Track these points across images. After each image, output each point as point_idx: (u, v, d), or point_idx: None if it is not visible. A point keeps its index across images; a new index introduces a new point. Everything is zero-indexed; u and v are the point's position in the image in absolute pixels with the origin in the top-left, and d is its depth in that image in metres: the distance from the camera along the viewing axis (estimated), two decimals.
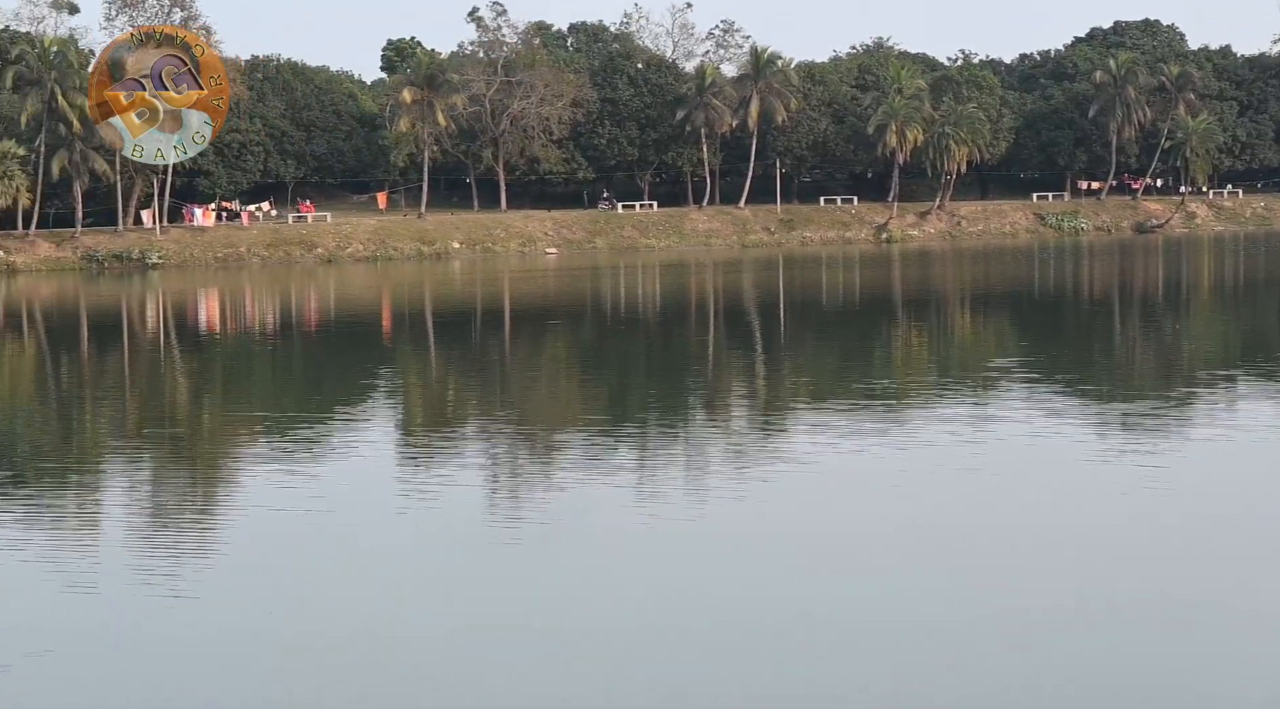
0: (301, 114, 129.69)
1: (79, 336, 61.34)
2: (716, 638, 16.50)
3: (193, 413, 37.41)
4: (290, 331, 61.33)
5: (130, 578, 19.52)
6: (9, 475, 28.25)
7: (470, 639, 16.78)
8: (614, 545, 20.84)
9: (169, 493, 26.05)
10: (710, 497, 23.98)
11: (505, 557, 20.36)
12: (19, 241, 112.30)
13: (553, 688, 15.09)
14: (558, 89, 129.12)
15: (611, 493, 24.18)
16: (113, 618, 17.87)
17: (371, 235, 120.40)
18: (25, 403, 40.40)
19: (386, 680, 15.35)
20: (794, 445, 28.34)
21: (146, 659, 16.37)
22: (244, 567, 20.08)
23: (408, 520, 22.80)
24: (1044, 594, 17.95)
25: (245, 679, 15.58)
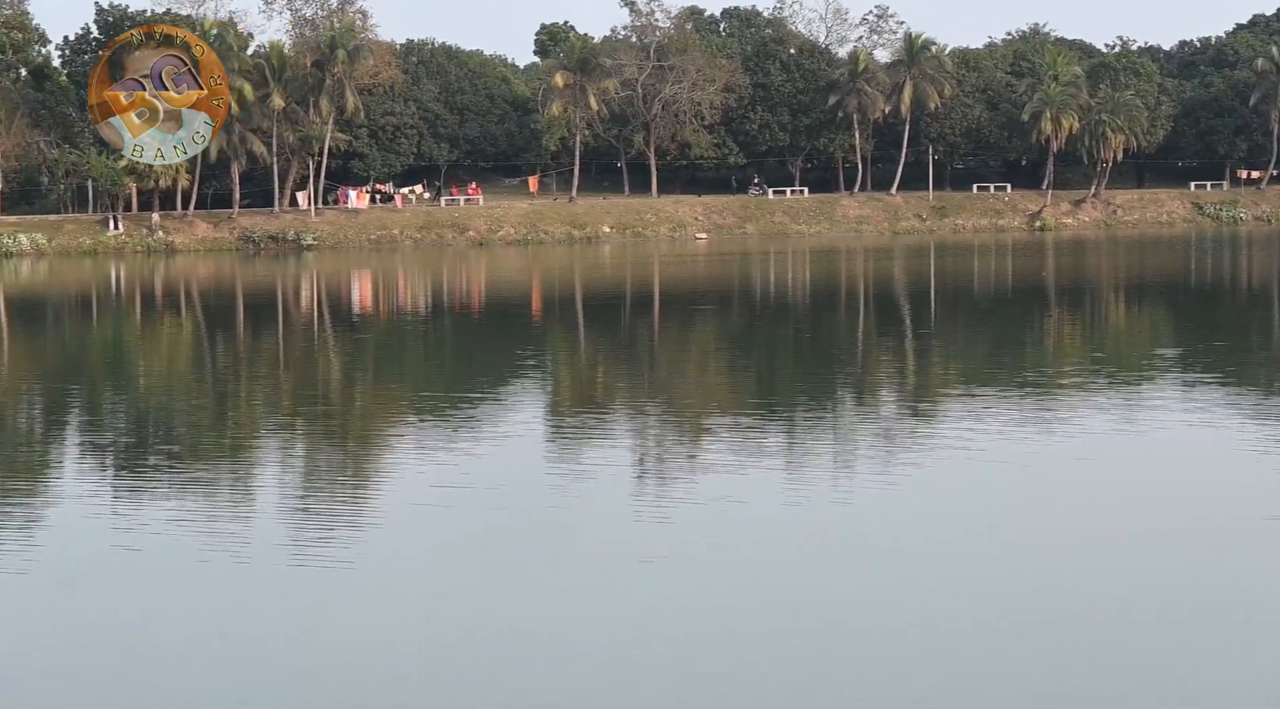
0: (455, 98, 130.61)
1: (235, 316, 62.25)
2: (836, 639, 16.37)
3: (345, 392, 37.80)
4: (441, 313, 61.79)
5: (282, 553, 19.74)
6: (166, 451, 28.70)
7: (629, 622, 16.78)
8: (759, 534, 20.74)
9: (320, 470, 26.31)
10: (857, 483, 23.79)
11: (652, 539, 20.34)
12: (178, 222, 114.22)
13: (708, 670, 15.07)
14: (710, 74, 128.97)
15: (759, 479, 24.07)
16: (265, 591, 18.09)
17: (523, 219, 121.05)
18: (183, 380, 41.03)
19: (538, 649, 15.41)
20: (943, 433, 28.06)
21: (304, 633, 16.54)
22: (394, 543, 20.21)
23: (556, 501, 22.85)
24: (1200, 597, 17.63)
25: (404, 651, 15.71)
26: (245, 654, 15.78)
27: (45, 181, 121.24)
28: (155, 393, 38.35)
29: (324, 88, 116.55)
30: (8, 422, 33.33)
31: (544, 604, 17.26)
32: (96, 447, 29.49)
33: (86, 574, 18.98)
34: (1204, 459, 25.50)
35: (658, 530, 20.83)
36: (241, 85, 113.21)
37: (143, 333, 56.21)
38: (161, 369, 44.34)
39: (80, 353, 50.04)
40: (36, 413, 34.96)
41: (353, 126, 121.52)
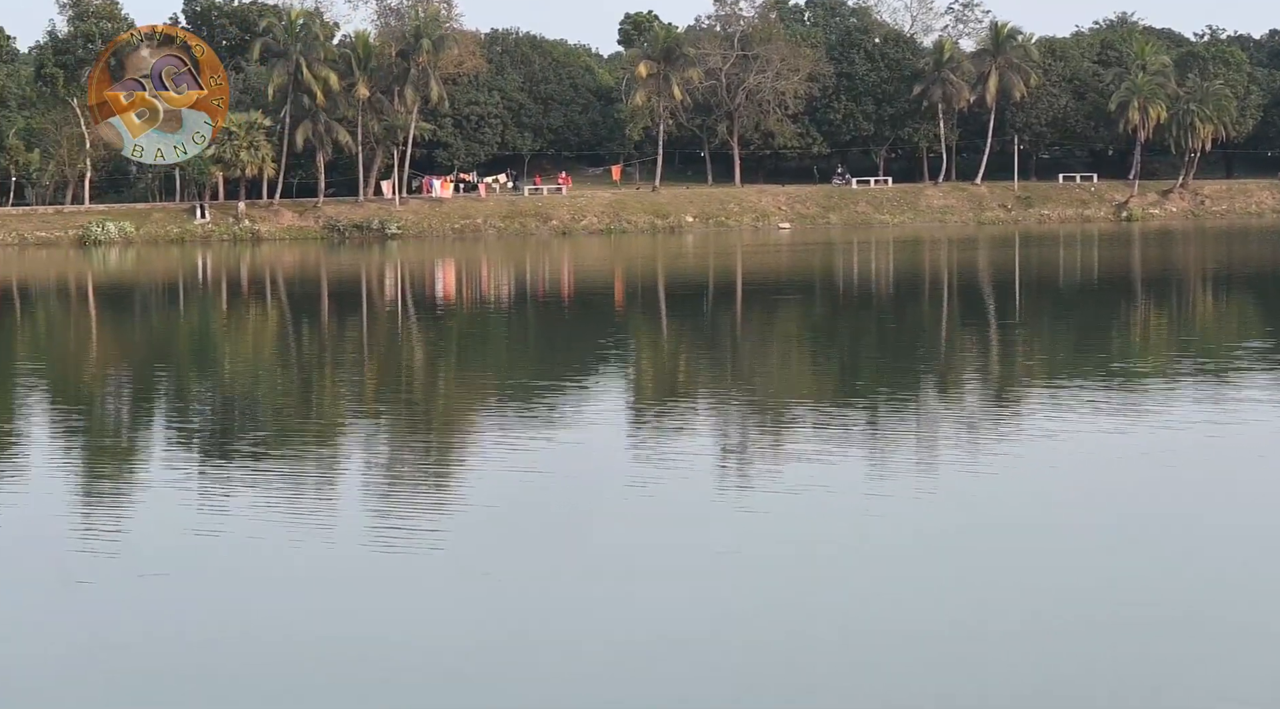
0: (539, 87, 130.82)
1: (319, 304, 62.63)
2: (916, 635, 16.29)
3: (428, 380, 37.95)
4: (524, 302, 61.94)
5: (365, 535, 19.83)
6: (251, 438, 28.91)
7: (708, 614, 16.77)
8: (840, 526, 20.67)
9: (404, 458, 26.43)
10: (940, 474, 23.67)
11: (733, 529, 20.31)
12: (264, 210, 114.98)
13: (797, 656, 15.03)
14: (794, 63, 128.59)
15: (841, 469, 23.99)
16: (351, 571, 18.18)
17: (606, 208, 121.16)
18: (267, 368, 41.32)
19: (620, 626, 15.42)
20: (1027, 424, 27.90)
21: (390, 621, 16.61)
22: (477, 531, 20.27)
23: (637, 490, 22.84)
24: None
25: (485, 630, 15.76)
26: (330, 642, 15.87)
27: (133, 170, 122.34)
28: (240, 380, 38.64)
29: (409, 77, 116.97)
30: (96, 408, 33.68)
31: (621, 594, 17.27)
32: (182, 433, 29.75)
33: (172, 559, 19.14)
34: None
35: (739, 520, 20.79)
36: (327, 75, 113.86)
37: (228, 321, 56.65)
38: (247, 357, 44.67)
39: (167, 340, 50.49)
40: (124, 399, 35.30)
41: (437, 116, 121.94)
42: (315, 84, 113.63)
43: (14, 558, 19.36)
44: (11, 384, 38.48)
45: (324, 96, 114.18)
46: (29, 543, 20.11)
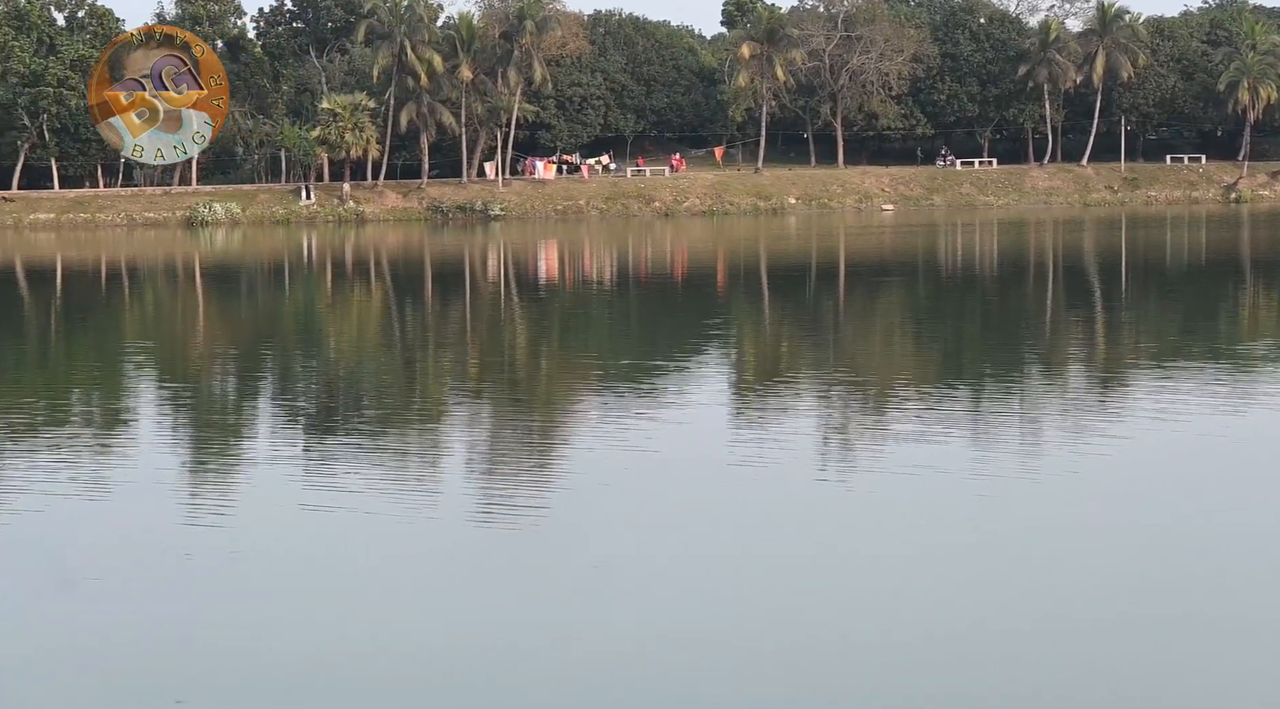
0: (642, 68, 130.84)
1: (423, 285, 62.96)
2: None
3: (531, 361, 38.07)
4: (626, 284, 62.00)
5: (470, 514, 19.93)
6: (356, 416, 29.11)
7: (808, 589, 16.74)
8: (944, 510, 20.55)
9: (506, 439, 26.51)
10: (1043, 462, 23.47)
11: (833, 512, 20.26)
12: (368, 192, 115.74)
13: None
14: (898, 44, 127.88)
15: (942, 451, 23.84)
16: (451, 551, 18.27)
17: (708, 190, 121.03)
18: (372, 347, 41.60)
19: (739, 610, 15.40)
20: (1133, 409, 27.60)
21: (496, 600, 16.68)
22: (579, 512, 20.30)
23: (740, 470, 22.81)
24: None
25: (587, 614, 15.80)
26: (442, 621, 15.96)
27: (240, 152, 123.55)
28: (344, 360, 38.92)
29: (512, 59, 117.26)
30: (203, 387, 34.04)
31: (729, 583, 17.26)
32: (288, 412, 30.01)
33: (275, 538, 19.31)
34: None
35: (840, 504, 20.73)
36: (431, 57, 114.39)
37: (333, 301, 57.08)
38: (351, 337, 44.99)
39: (272, 320, 50.94)
40: (230, 378, 35.65)
41: (540, 97, 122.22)
42: (419, 66, 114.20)
43: (125, 533, 19.58)
44: (121, 363, 38.99)
45: (428, 78, 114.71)
46: (139, 518, 20.35)
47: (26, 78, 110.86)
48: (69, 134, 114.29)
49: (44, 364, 39.64)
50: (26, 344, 43.83)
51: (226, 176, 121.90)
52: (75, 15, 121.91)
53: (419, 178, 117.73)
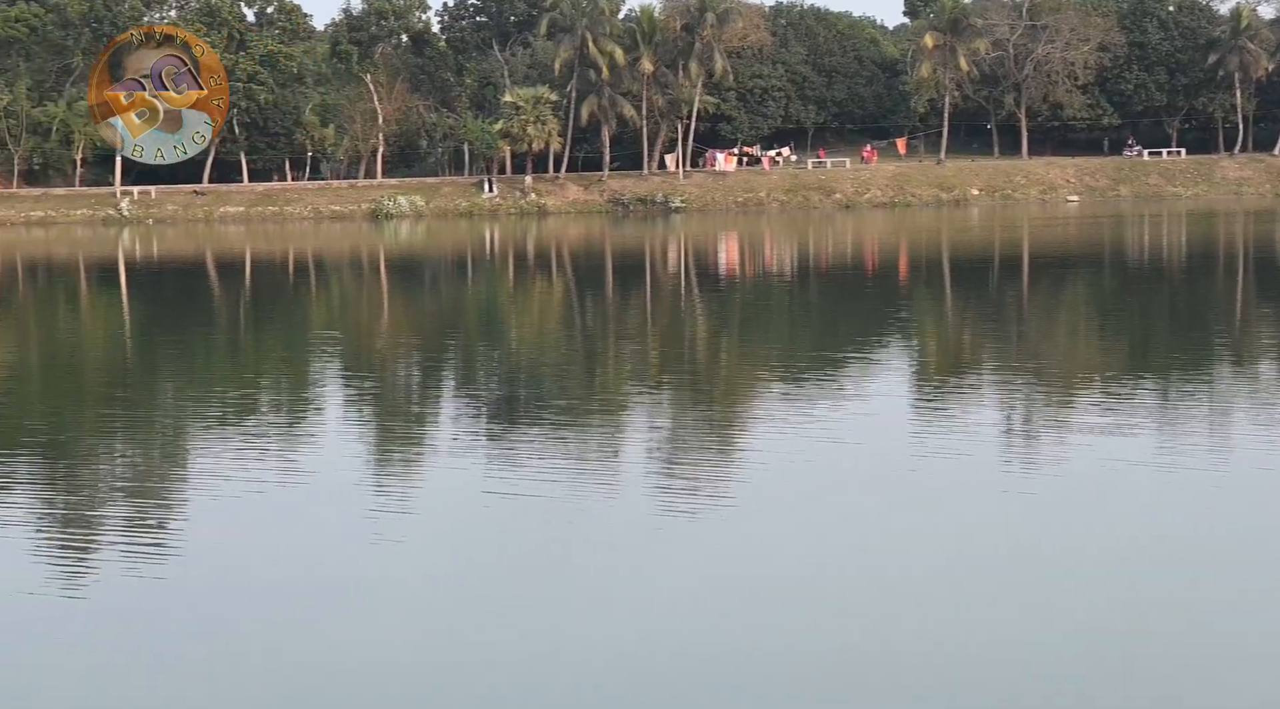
0: (823, 59, 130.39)
1: (604, 277, 63.21)
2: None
3: (711, 353, 38.05)
4: (807, 275, 61.78)
5: (647, 506, 19.97)
6: (536, 408, 29.29)
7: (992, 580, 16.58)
8: (1127, 506, 20.21)
9: (686, 431, 26.52)
10: (1233, 459, 23.01)
11: (1017, 503, 20.04)
12: (549, 184, 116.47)
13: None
14: (1084, 33, 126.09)
15: (1127, 445, 23.45)
16: (641, 535, 18.33)
17: (890, 181, 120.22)
18: (553, 339, 41.83)
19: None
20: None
21: (679, 593, 16.69)
22: (754, 505, 20.25)
23: (923, 461, 22.63)
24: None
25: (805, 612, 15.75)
26: (618, 614, 16.01)
27: (424, 145, 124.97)
28: (526, 350, 39.19)
29: (693, 51, 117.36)
30: (387, 378, 34.46)
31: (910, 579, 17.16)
32: (470, 402, 30.29)
33: (459, 524, 19.48)
34: None
35: (1024, 498, 20.49)
36: (612, 49, 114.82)
37: (515, 293, 57.50)
38: (532, 328, 45.29)
39: (455, 311, 51.44)
40: (414, 369, 36.05)
41: (721, 89, 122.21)
42: (601, 59, 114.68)
43: (316, 519, 19.87)
44: (308, 352, 39.60)
45: (609, 71, 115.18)
46: (328, 505, 20.63)
47: None
48: (258, 128, 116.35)
49: (233, 354, 40.38)
50: (216, 334, 44.69)
51: (410, 170, 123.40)
52: (264, 11, 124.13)
53: (600, 170, 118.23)
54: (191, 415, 29.09)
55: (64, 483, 22.59)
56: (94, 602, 16.45)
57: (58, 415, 29.87)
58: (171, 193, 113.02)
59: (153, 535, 19.31)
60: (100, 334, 46.41)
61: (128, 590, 16.76)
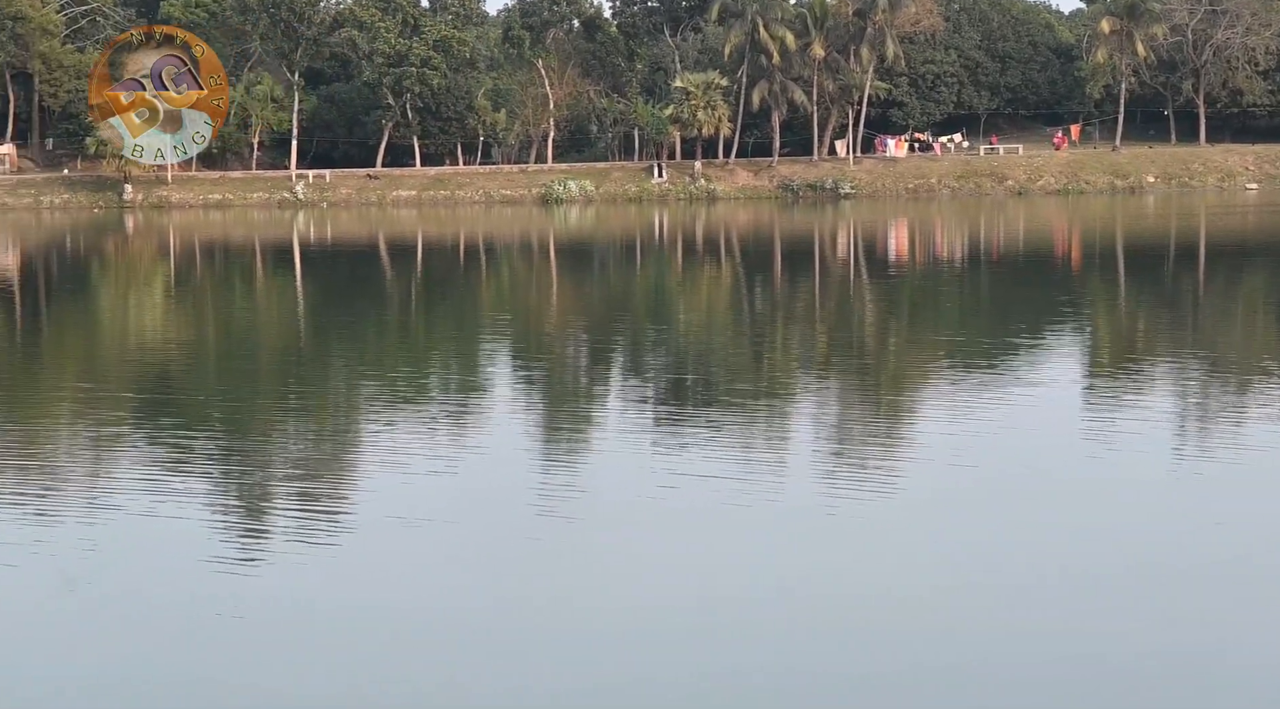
0: (997, 45, 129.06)
1: (773, 262, 63.08)
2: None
3: (879, 340, 37.82)
4: (978, 262, 61.19)
5: (816, 489, 19.89)
6: (704, 392, 29.30)
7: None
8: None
9: (853, 418, 26.38)
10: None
11: (1190, 491, 19.71)
12: (719, 170, 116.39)
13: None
14: (1265, 18, 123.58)
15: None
16: (798, 541, 18.27)
17: (1063, 168, 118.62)
18: (721, 324, 41.82)
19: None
20: None
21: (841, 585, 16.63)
22: (919, 494, 20.11)
23: (1092, 452, 22.32)
24: None
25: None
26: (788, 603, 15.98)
27: (594, 130, 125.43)
28: (694, 336, 39.21)
29: (865, 36, 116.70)
30: (554, 362, 34.66)
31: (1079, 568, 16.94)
32: (638, 386, 30.38)
33: (627, 513, 19.54)
34: None
35: (1199, 492, 20.16)
36: (783, 34, 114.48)
37: (683, 278, 57.55)
38: (700, 313, 45.30)
39: (624, 296, 51.59)
40: (583, 353, 36.22)
41: (893, 75, 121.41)
42: (772, 44, 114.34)
43: (476, 510, 19.99)
44: (478, 336, 39.94)
45: (780, 56, 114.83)
46: (491, 493, 20.77)
47: (391, 58, 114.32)
48: (431, 113, 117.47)
49: (404, 336, 40.85)
50: (388, 316, 45.23)
51: (580, 154, 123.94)
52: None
53: (770, 156, 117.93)
54: (363, 395, 29.46)
55: (239, 459, 22.97)
56: (268, 579, 16.70)
57: (233, 393, 30.40)
58: (345, 176, 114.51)
59: (326, 513, 19.57)
60: (275, 315, 47.17)
61: (299, 567, 17.01)
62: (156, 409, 28.06)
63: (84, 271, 65.48)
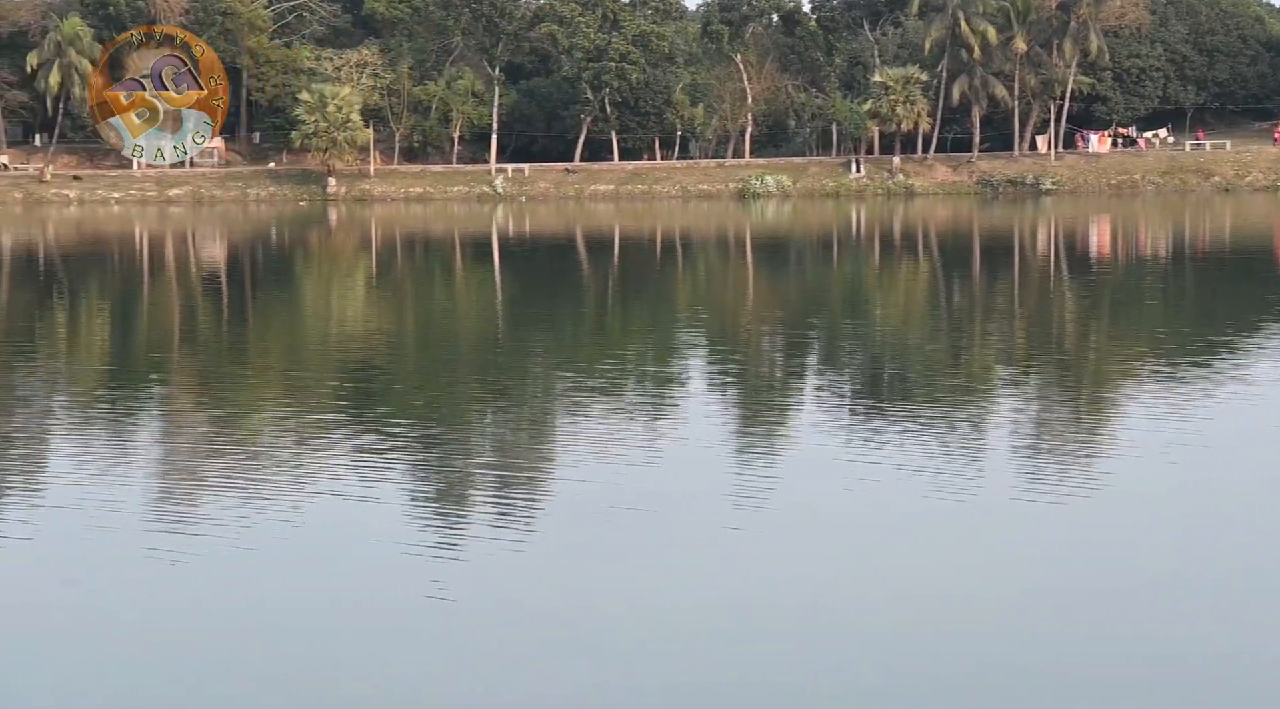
0: (1204, 38, 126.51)
1: (971, 259, 62.49)
2: None
3: (1079, 338, 37.29)
4: (1182, 259, 60.07)
5: (1012, 488, 19.66)
6: (900, 389, 29.10)
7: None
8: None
9: (1052, 418, 26.04)
10: None
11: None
12: (917, 165, 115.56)
13: None
14: None
15: None
16: (991, 524, 18.10)
17: (1273, 164, 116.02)
18: (918, 321, 41.51)
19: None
20: None
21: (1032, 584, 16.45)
22: (1129, 485, 19.79)
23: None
24: None
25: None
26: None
27: (792, 125, 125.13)
28: (891, 332, 38.97)
29: (1068, 30, 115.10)
30: (751, 356, 34.65)
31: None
32: (833, 381, 30.29)
33: (819, 509, 19.47)
34: None
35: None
36: (985, 29, 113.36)
37: (880, 274, 57.22)
38: (897, 309, 45.01)
39: (820, 292, 51.42)
40: (778, 348, 36.17)
41: (1096, 69, 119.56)
42: (973, 38, 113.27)
43: (672, 499, 20.04)
44: (674, 329, 40.07)
45: (981, 51, 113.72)
46: (689, 485, 20.81)
47: (590, 52, 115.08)
48: (629, 108, 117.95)
49: (601, 329, 41.09)
50: (586, 309, 45.53)
51: (778, 149, 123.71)
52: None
53: (969, 151, 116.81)
54: (561, 386, 29.69)
55: (439, 447, 23.26)
56: (471, 566, 16.89)
57: (433, 382, 30.80)
58: (543, 171, 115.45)
59: (524, 501, 19.75)
60: (474, 306, 47.71)
61: (499, 555, 17.17)
62: (359, 397, 28.54)
63: (289, 263, 66.77)
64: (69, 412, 27.58)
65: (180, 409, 27.83)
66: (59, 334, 40.49)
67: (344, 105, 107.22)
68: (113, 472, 21.90)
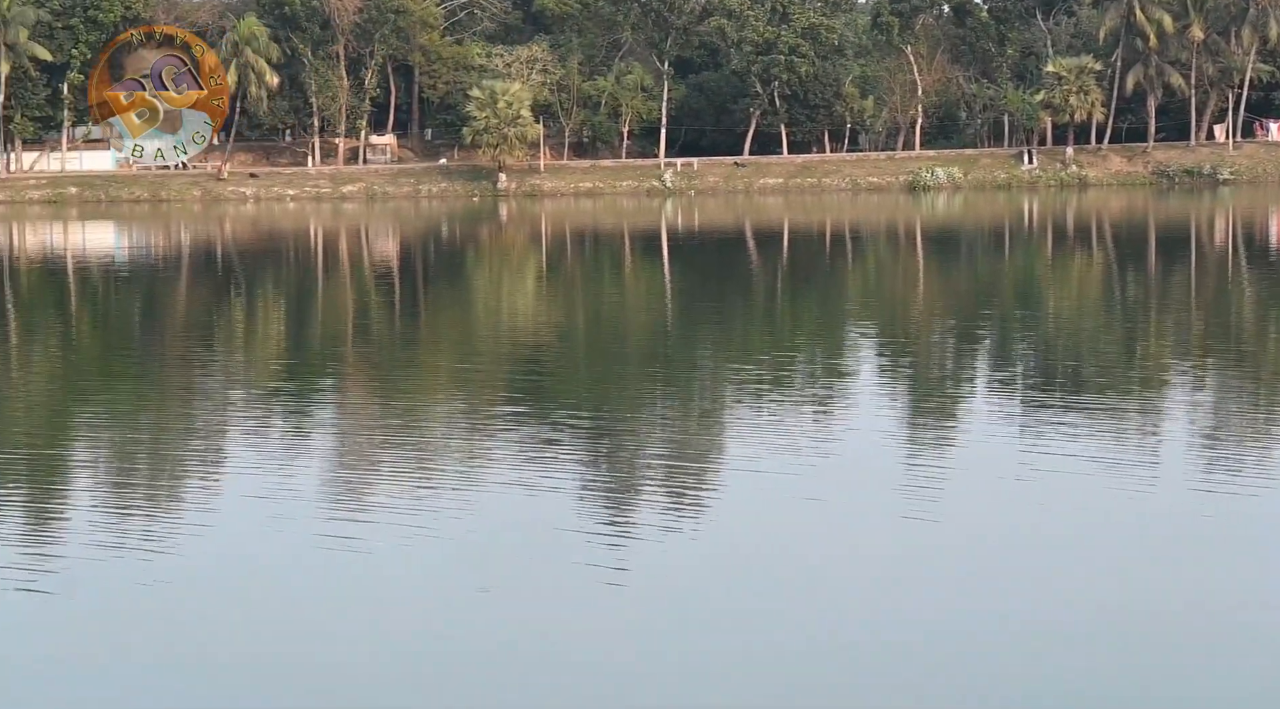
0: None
1: (1146, 251, 61.61)
2: None
3: (1257, 330, 36.65)
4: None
5: (1187, 483, 19.42)
6: (1069, 381, 28.81)
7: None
8: None
9: (1227, 403, 25.64)
10: None
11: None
12: (1091, 155, 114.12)
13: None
14: None
15: None
16: (1158, 518, 17.91)
17: None
18: (1091, 313, 41.01)
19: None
20: None
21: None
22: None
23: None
24: None
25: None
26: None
27: (963, 116, 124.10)
28: (1063, 325, 38.56)
29: (1247, 17, 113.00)
30: (922, 348, 34.47)
31: None
32: (1004, 374, 30.08)
33: (993, 504, 19.37)
34: None
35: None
36: (1161, 17, 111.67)
37: (1053, 266, 56.60)
38: (1070, 302, 44.51)
39: (992, 284, 50.99)
40: (949, 340, 35.95)
41: (1276, 56, 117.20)
42: (1148, 27, 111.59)
43: (848, 490, 20.02)
44: (845, 322, 39.99)
45: (1157, 39, 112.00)
46: (862, 474, 20.75)
47: (760, 46, 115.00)
48: (798, 101, 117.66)
49: (771, 321, 41.10)
50: (754, 303, 45.54)
51: (949, 141, 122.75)
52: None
53: (1144, 141, 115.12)
54: (731, 378, 29.77)
55: (610, 437, 23.44)
56: (644, 552, 17.02)
57: (603, 374, 31.00)
58: (713, 165, 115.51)
59: (693, 488, 19.86)
60: (643, 300, 47.91)
61: (671, 539, 17.28)
62: (530, 389, 28.84)
63: (460, 258, 67.49)
64: (248, 403, 28.16)
65: (355, 401, 28.31)
66: (238, 329, 41.34)
67: (514, 101, 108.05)
68: (292, 461, 22.35)
